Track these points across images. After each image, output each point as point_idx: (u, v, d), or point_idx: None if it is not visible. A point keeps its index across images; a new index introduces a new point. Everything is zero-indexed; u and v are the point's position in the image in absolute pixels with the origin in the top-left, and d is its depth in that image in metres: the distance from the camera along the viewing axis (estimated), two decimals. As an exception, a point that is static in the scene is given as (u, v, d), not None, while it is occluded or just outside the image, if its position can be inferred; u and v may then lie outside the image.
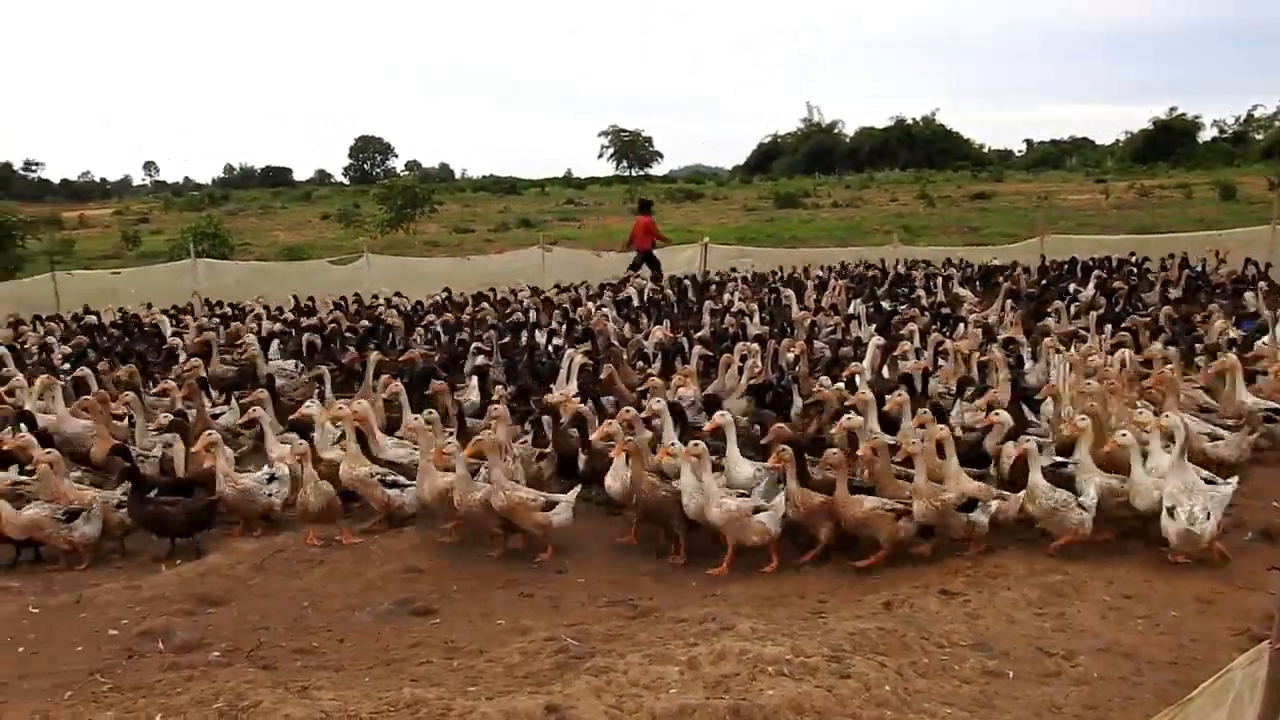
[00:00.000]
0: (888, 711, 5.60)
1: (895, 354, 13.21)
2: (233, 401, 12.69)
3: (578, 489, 9.15)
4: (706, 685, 5.87)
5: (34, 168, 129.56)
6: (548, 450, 10.25)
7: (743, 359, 12.96)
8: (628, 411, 9.85)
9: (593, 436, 9.64)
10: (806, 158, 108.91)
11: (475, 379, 12.89)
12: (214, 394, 13.20)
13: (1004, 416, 9.39)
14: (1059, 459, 9.06)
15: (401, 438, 10.87)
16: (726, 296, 20.40)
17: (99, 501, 9.05)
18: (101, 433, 10.83)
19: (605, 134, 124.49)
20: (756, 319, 17.30)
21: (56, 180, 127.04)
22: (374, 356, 13.73)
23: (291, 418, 10.95)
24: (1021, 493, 8.37)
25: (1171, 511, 7.75)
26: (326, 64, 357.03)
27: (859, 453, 8.92)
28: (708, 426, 9.55)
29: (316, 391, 12.70)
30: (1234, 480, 8.44)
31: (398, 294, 23.12)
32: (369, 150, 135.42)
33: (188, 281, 26.40)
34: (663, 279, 25.05)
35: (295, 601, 7.96)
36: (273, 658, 6.93)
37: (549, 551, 8.81)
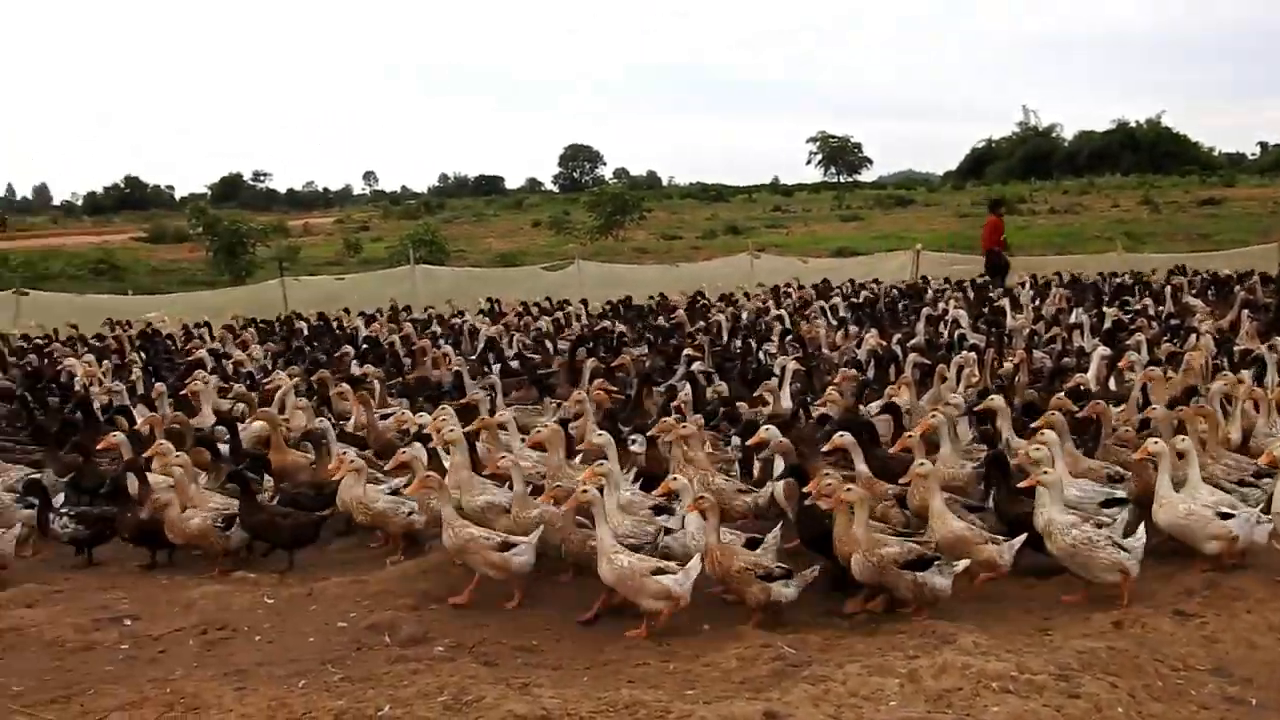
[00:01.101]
0: (1120, 735, 5.41)
1: (1120, 365, 12.71)
2: (402, 406, 12.56)
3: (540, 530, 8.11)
4: (928, 699, 5.78)
5: (262, 178, 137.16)
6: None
7: (959, 369, 12.69)
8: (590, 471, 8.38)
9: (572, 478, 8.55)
10: (1022, 162, 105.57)
11: (688, 384, 12.89)
12: (420, 402, 12.98)
13: (1050, 436, 8.27)
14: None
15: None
16: (941, 304, 19.97)
17: (218, 508, 9.12)
18: (276, 443, 10.71)
19: (813, 140, 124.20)
20: (969, 327, 16.89)
21: (283, 190, 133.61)
22: (590, 362, 13.86)
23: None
24: (1019, 538, 7.54)
25: None
26: (537, 74, 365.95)
27: (813, 485, 7.76)
28: (750, 441, 9.18)
29: (488, 400, 12.58)
30: None
31: (583, 301, 23.49)
32: (578, 158, 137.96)
33: (407, 287, 27.39)
34: (1004, 282, 24.10)
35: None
36: (494, 654, 7.09)
37: (516, 599, 8.02)
